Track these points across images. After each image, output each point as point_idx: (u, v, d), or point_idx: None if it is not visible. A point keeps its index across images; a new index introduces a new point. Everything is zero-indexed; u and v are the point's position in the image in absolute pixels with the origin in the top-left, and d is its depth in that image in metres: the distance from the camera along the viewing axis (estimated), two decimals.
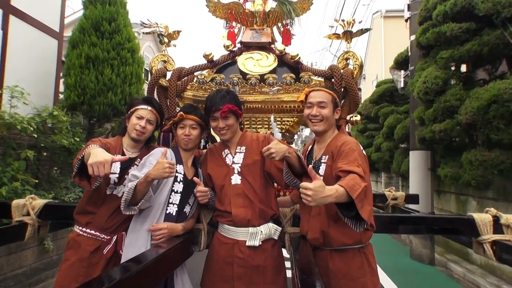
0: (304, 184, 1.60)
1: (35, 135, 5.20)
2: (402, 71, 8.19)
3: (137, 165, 2.32)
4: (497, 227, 2.27)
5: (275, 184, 2.43)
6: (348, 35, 2.99)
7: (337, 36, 3.07)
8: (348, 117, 2.93)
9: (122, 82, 7.42)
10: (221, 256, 2.25)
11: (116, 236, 2.30)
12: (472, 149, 4.66)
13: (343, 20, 3.00)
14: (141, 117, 2.37)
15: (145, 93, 3.35)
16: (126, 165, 2.35)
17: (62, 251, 2.51)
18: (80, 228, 2.32)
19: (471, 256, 5.85)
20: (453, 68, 5.49)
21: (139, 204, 2.11)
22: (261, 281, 2.15)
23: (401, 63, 8.03)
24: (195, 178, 2.29)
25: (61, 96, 8.27)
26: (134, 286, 1.59)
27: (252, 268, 2.15)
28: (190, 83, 3.11)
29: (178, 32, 3.21)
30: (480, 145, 4.61)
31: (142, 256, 1.88)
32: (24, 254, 4.84)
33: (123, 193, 2.18)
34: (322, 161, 2.16)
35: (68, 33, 8.76)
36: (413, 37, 6.46)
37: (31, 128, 5.03)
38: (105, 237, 2.30)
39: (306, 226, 2.20)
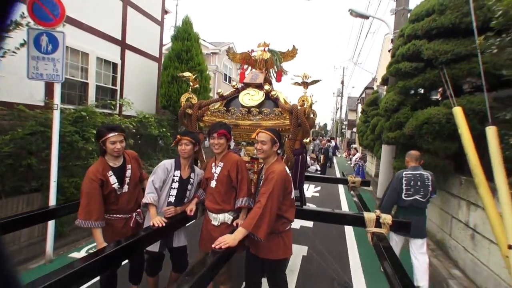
0: (217, 243, 1.86)
1: (134, 130, 5.79)
2: (385, 87, 7.74)
3: (129, 170, 2.44)
4: (378, 223, 2.32)
5: None
6: (304, 84, 3.03)
7: (298, 84, 3.11)
8: (303, 140, 3.00)
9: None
10: (204, 225, 2.55)
11: (135, 213, 2.48)
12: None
13: (302, 75, 3.04)
14: (114, 142, 2.27)
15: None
16: (119, 174, 2.37)
17: None
18: (109, 215, 2.36)
19: None
20: (412, 92, 5.12)
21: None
22: None
23: (385, 80, 7.58)
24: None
25: None
26: (151, 239, 2.05)
27: (214, 237, 2.29)
28: (206, 112, 3.33)
29: (196, 78, 3.40)
30: (418, 149, 4.40)
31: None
32: None
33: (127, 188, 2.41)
34: (263, 178, 2.28)
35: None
36: None
37: (131, 126, 5.64)
38: (127, 216, 2.45)
39: None
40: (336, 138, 36.38)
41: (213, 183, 2.46)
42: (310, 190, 8.41)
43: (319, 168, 13.05)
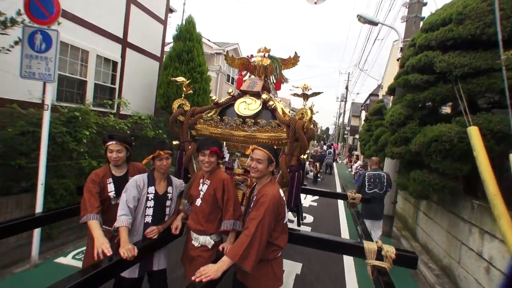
0: (198, 275, 1.60)
1: (128, 132, 5.49)
2: (392, 97, 7.37)
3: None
4: (380, 255, 1.99)
5: None
6: (304, 96, 2.71)
7: (297, 95, 2.79)
8: (300, 155, 2.69)
9: (192, 94, 7.51)
10: (186, 241, 2.36)
11: None
12: (417, 170, 4.11)
13: (302, 86, 2.72)
14: (111, 151, 2.23)
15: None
16: (118, 183, 2.26)
17: None
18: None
19: (417, 236, 5.38)
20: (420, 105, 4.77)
21: None
22: (192, 267, 2.13)
23: (391, 90, 7.21)
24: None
25: None
26: (128, 262, 1.85)
27: (191, 256, 2.21)
28: (199, 120, 3.04)
29: (189, 84, 3.15)
30: (425, 167, 4.04)
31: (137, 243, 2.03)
32: None
33: None
34: (254, 199, 2.03)
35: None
36: None
37: (125, 127, 5.35)
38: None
39: None
40: (337, 143, 35.92)
41: (198, 202, 2.21)
42: (308, 199, 8.07)
43: (318, 175, 12.66)
